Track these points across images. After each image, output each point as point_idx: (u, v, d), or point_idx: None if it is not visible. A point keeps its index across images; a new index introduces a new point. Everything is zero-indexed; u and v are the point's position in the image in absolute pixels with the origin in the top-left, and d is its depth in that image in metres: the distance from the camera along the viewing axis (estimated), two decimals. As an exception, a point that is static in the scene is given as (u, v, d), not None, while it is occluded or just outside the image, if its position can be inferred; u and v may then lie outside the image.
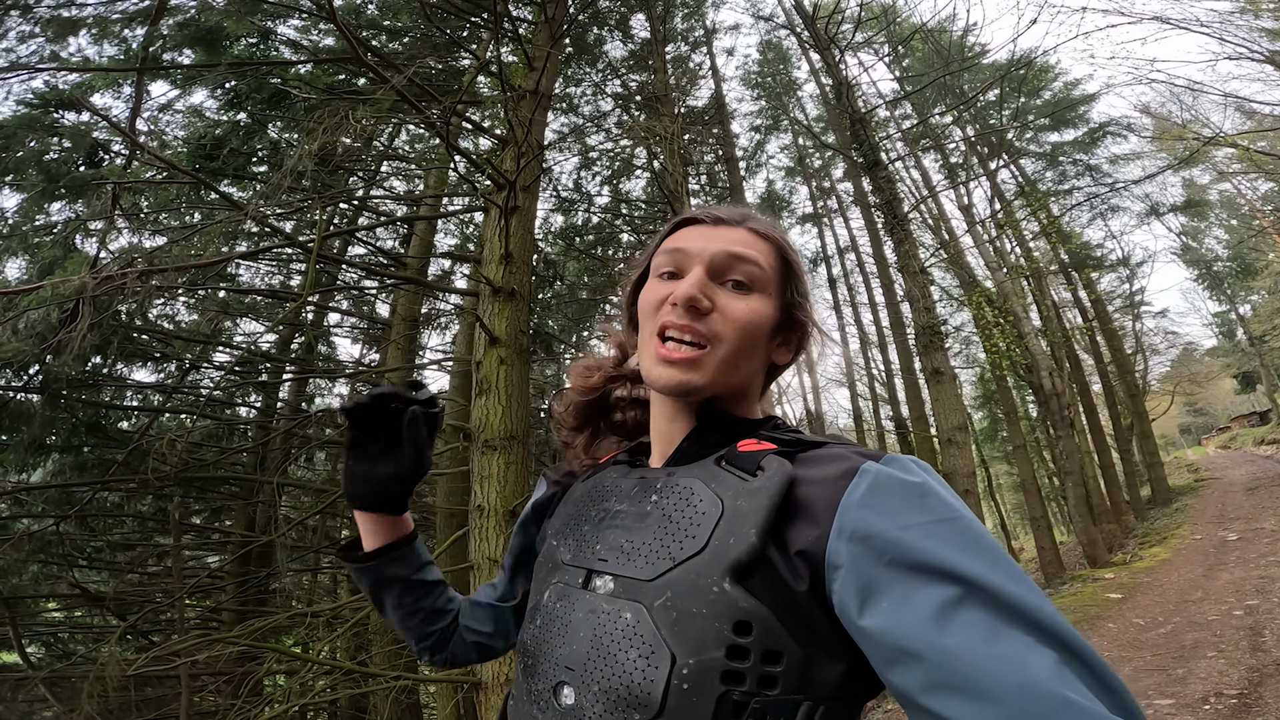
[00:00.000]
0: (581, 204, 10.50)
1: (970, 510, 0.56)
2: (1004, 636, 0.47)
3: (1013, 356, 11.84)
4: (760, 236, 0.76)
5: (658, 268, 0.76)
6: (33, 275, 4.78)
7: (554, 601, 0.68)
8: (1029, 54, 11.38)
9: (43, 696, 4.55)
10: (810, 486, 0.60)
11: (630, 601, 0.60)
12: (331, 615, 4.83)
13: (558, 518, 0.79)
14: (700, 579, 0.57)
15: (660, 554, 0.61)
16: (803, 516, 0.58)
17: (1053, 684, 0.44)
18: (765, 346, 0.74)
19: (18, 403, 4.87)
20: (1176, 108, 14.86)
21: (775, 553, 0.57)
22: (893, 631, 0.50)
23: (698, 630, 0.55)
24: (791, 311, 0.76)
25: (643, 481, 0.71)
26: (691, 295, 0.69)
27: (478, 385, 4.17)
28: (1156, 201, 17.47)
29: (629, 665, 0.56)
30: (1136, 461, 17.03)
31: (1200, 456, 30.23)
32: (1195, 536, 10.46)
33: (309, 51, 5.60)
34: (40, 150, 4.64)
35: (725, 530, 0.58)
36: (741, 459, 0.65)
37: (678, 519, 0.62)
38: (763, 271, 0.73)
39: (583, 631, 0.62)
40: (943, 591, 0.50)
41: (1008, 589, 0.49)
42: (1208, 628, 5.54)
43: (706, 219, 0.77)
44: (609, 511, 0.71)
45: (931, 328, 8.64)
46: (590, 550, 0.68)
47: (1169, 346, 21.41)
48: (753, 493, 0.60)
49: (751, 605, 0.55)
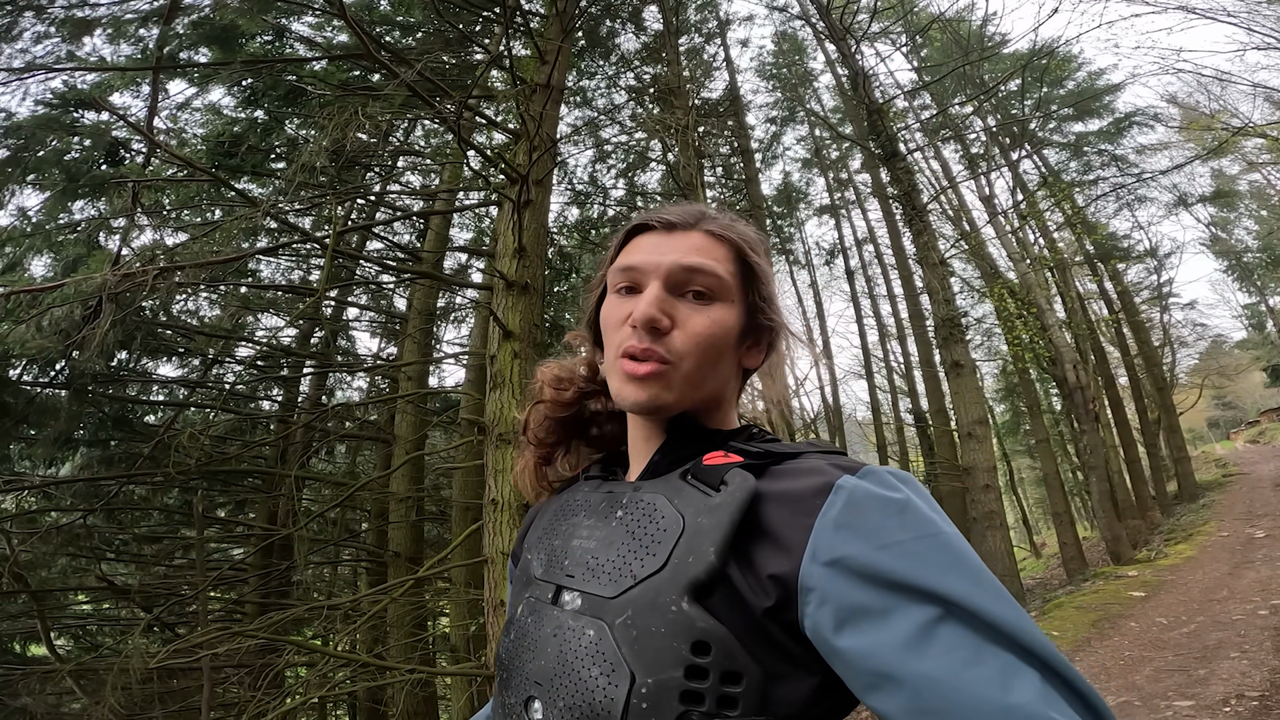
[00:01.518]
0: (596, 197, 10.50)
1: (952, 524, 0.55)
2: (986, 657, 0.47)
3: (1036, 349, 11.66)
4: (717, 239, 0.72)
5: (614, 283, 0.73)
6: (56, 273, 4.87)
7: (526, 616, 0.68)
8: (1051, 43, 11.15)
9: (69, 689, 4.66)
10: (781, 504, 0.58)
11: (593, 619, 0.59)
12: (350, 608, 4.90)
13: (533, 531, 0.78)
14: (659, 597, 0.56)
15: (623, 571, 0.60)
16: (773, 537, 0.57)
17: (1037, 705, 0.44)
18: (733, 353, 0.72)
19: (44, 398, 4.98)
20: (1204, 98, 14.54)
21: (737, 571, 0.56)
22: (871, 656, 0.49)
23: (656, 649, 0.54)
24: (756, 319, 0.73)
25: (610, 496, 0.71)
26: (649, 316, 0.67)
27: (492, 379, 4.18)
28: (1185, 192, 17.11)
29: (591, 683, 0.56)
30: (1163, 456, 16.71)
31: (1228, 451, 29.62)
32: (1222, 533, 10.27)
33: (322, 48, 5.65)
34: (61, 150, 4.71)
35: (685, 548, 0.57)
36: (705, 473, 0.63)
37: (640, 535, 0.62)
38: (721, 280, 0.70)
39: (550, 647, 0.62)
40: (922, 612, 0.49)
41: (989, 608, 0.49)
42: (1232, 627, 5.44)
43: (658, 225, 0.74)
44: (577, 526, 0.71)
45: (952, 320, 8.55)
46: (559, 565, 0.68)
47: (1197, 339, 20.98)
48: (713, 509, 0.58)
49: (710, 625, 0.54)
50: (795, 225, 18.10)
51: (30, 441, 5.23)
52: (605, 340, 0.74)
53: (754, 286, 0.73)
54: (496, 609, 3.63)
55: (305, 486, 7.84)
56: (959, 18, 12.62)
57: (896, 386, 17.79)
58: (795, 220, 17.91)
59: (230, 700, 5.22)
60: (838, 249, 17.88)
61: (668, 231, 0.73)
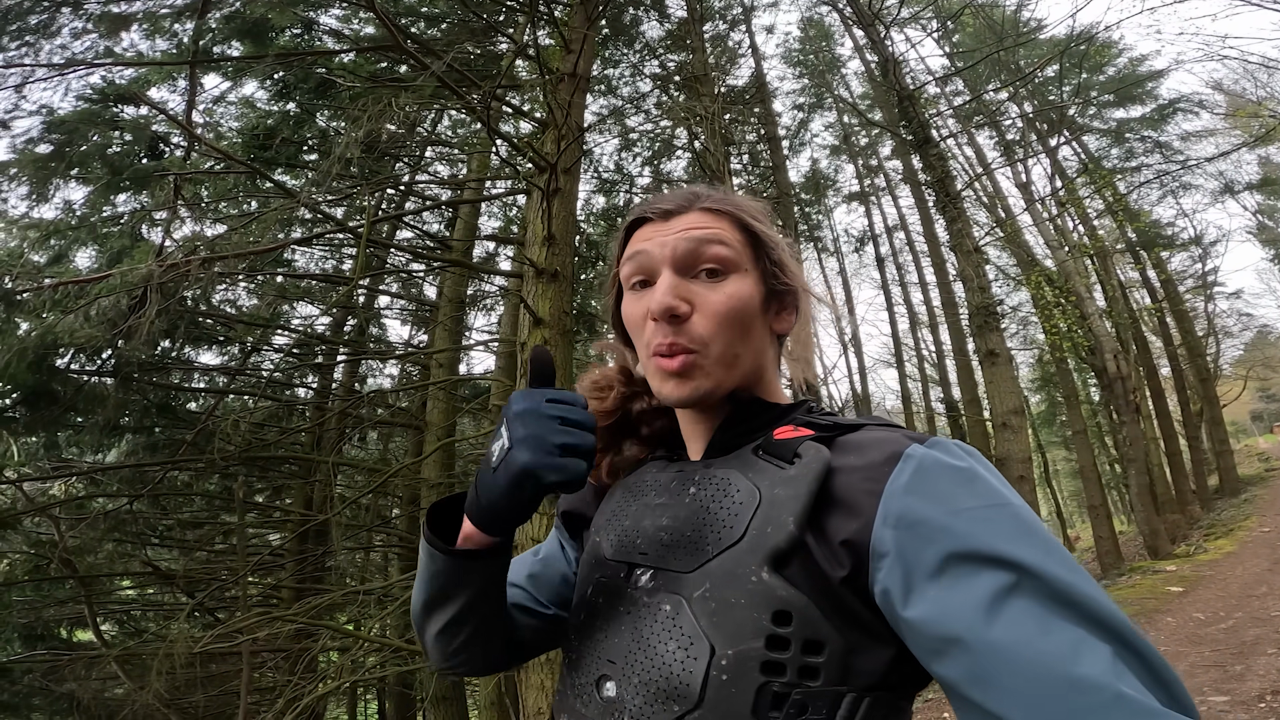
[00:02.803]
0: (623, 185, 10.48)
1: (1019, 496, 0.54)
2: (1055, 628, 0.46)
3: (1074, 338, 11.35)
4: (715, 214, 0.72)
5: (627, 279, 0.73)
6: (102, 264, 5.01)
7: (596, 596, 0.68)
8: (1090, 29, 10.77)
9: (114, 674, 4.78)
10: (851, 473, 0.58)
11: (670, 594, 0.60)
12: (382, 593, 5.00)
13: (600, 514, 0.78)
14: (738, 568, 0.56)
15: (699, 545, 0.60)
16: (845, 504, 0.57)
17: (1106, 678, 0.43)
18: (762, 322, 0.72)
19: (92, 386, 5.11)
20: (1251, 85, 13.98)
21: (813, 541, 0.56)
22: (939, 621, 0.49)
23: (736, 621, 0.54)
24: (775, 283, 0.73)
25: (681, 474, 0.71)
26: (666, 305, 0.66)
27: (522, 367, 4.21)
28: (1231, 179, 16.46)
29: (668, 657, 0.56)
30: (1204, 449, 16.21)
31: (1272, 445, 28.67)
32: (1263, 529, 9.98)
33: (351, 40, 5.70)
34: (103, 144, 4.83)
35: (763, 519, 0.58)
36: (778, 447, 0.63)
37: (715, 510, 0.62)
38: (730, 249, 0.69)
39: (624, 625, 0.62)
40: (994, 579, 0.48)
41: (1062, 577, 0.48)
42: (1270, 624, 5.32)
43: (655, 214, 0.73)
44: (649, 505, 0.71)
45: (986, 308, 8.36)
46: (631, 544, 0.68)
47: (1242, 329, 20.21)
48: (790, 480, 0.59)
49: (790, 594, 0.54)
50: (823, 212, 17.86)
51: (78, 428, 5.38)
52: (634, 340, 0.74)
53: (763, 252, 0.72)
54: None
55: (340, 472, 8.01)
56: (992, 3, 12.28)
57: (927, 375, 17.52)
58: (823, 207, 17.67)
59: (267, 685, 5.34)
60: (867, 236, 17.60)
61: (665, 219, 0.72)
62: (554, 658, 3.50)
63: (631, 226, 0.76)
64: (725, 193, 0.75)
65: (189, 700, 5.23)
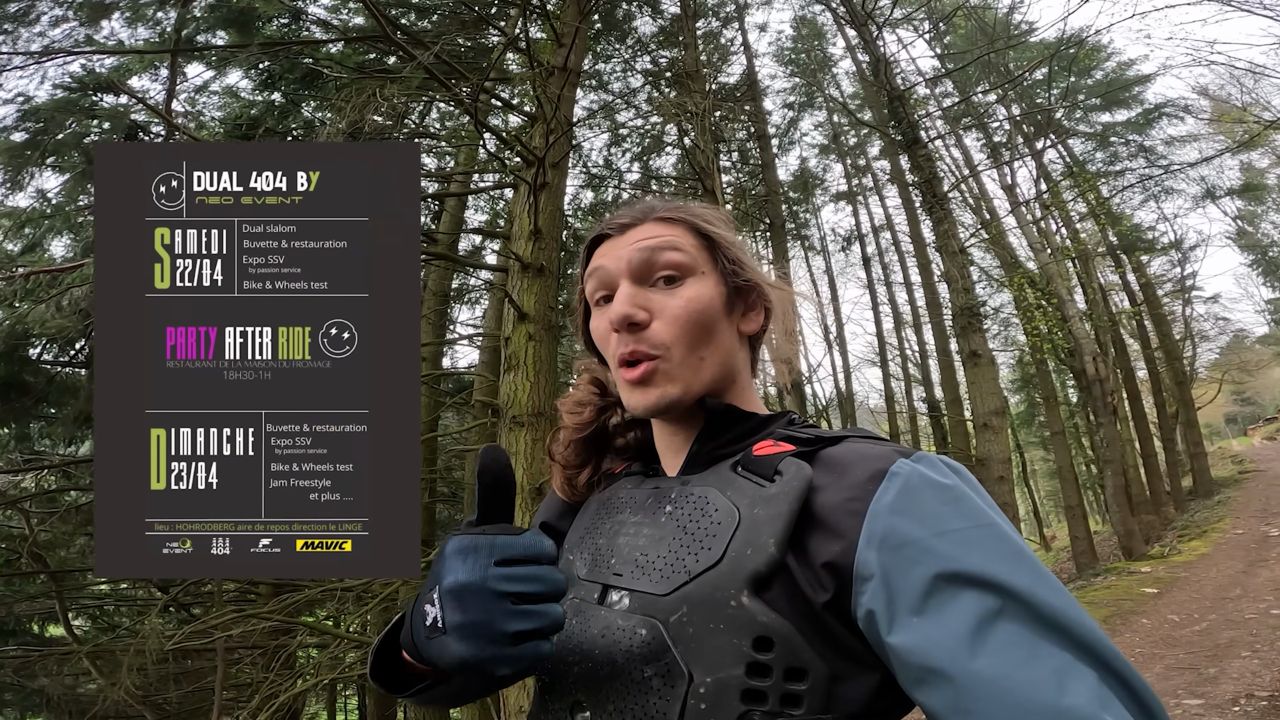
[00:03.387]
0: (611, 180, 10.44)
1: (1004, 516, 0.53)
2: (1042, 655, 0.45)
3: (1055, 340, 11.51)
4: (669, 222, 0.72)
5: (591, 296, 0.73)
6: (76, 253, 4.90)
7: (570, 618, 0.65)
8: (1080, 33, 10.87)
9: (86, 670, 4.72)
10: (834, 491, 0.56)
11: (645, 617, 0.57)
12: (362, 590, 4.94)
13: (574, 531, 0.76)
14: (717, 593, 0.54)
15: (675, 567, 0.58)
16: (827, 525, 0.55)
17: (1091, 707, 0.42)
18: (727, 324, 0.70)
19: (64, 377, 5.02)
20: (1236, 90, 14.18)
21: (795, 563, 0.54)
22: (923, 648, 0.47)
23: (715, 647, 0.52)
24: (735, 281, 0.71)
25: (656, 491, 0.69)
26: (623, 314, 0.66)
27: (506, 361, 4.18)
28: (1213, 184, 16.75)
29: (644, 685, 0.54)
30: (1179, 451, 16.55)
31: (1245, 447, 29.34)
32: (1236, 531, 10.19)
33: (339, 30, 5.59)
34: (80, 133, 4.72)
35: (742, 541, 0.55)
36: (758, 463, 0.61)
37: (693, 530, 0.60)
38: (684, 254, 0.69)
39: (598, 650, 0.59)
40: (980, 603, 0.47)
41: (1048, 601, 0.47)
42: (1244, 626, 5.43)
43: (612, 230, 0.74)
44: (623, 524, 0.68)
45: (970, 309, 8.44)
46: (605, 564, 0.66)
47: (1219, 333, 20.66)
48: (770, 499, 0.57)
49: (772, 619, 0.52)
50: (811, 211, 17.95)
51: (50, 420, 5.28)
52: (604, 355, 0.73)
53: (719, 253, 0.72)
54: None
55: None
56: (984, 4, 12.33)
57: (911, 375, 17.68)
58: (811, 206, 17.74)
59: (243, 681, 5.29)
60: (854, 235, 17.71)
61: (622, 232, 0.73)
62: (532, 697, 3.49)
63: (592, 245, 0.76)
64: (680, 202, 0.76)
65: (163, 697, 5.16)
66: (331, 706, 8.98)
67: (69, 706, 4.99)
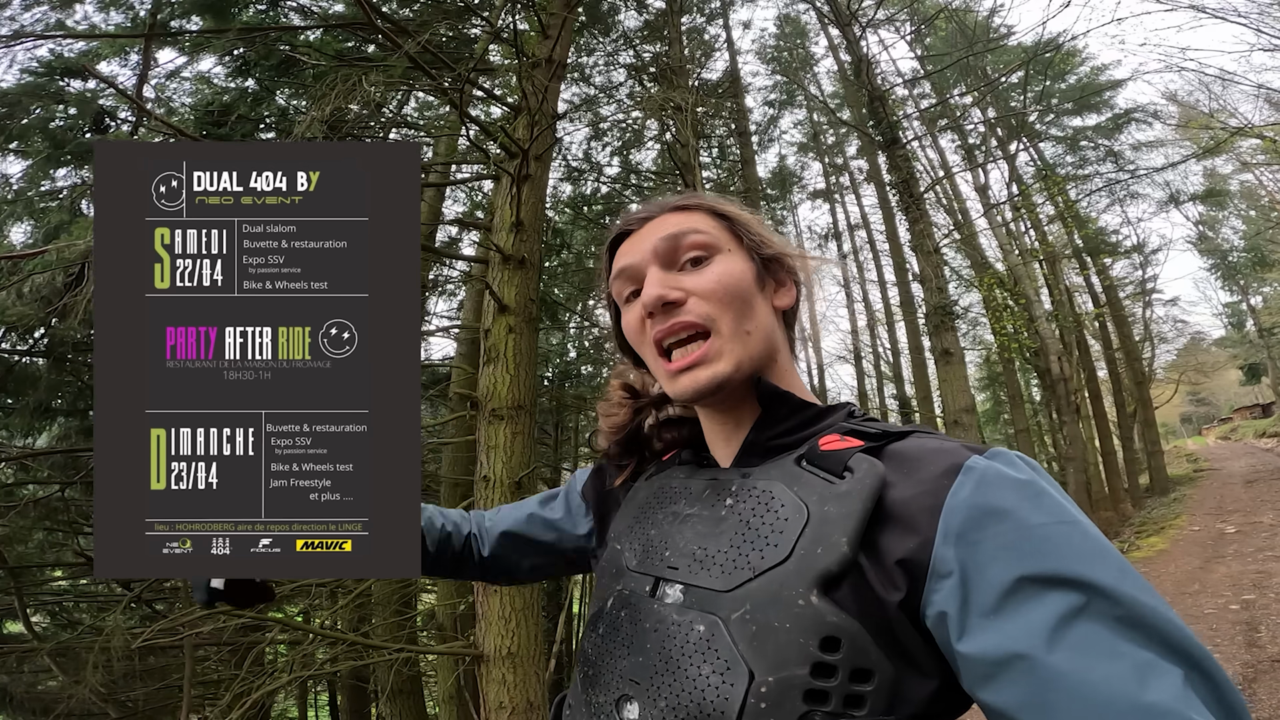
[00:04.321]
0: (591, 174, 10.39)
1: (1084, 514, 0.52)
2: (1124, 651, 0.44)
3: (1021, 340, 11.76)
4: (687, 210, 0.73)
5: (619, 295, 0.74)
6: (38, 240, 4.74)
7: (618, 610, 0.65)
8: (1058, 37, 11.08)
9: (47, 667, 4.60)
10: (907, 487, 0.55)
11: (704, 613, 0.56)
12: (334, 586, 4.88)
13: (620, 519, 0.75)
14: (784, 590, 0.53)
15: (738, 563, 0.57)
16: (900, 521, 0.54)
17: (1176, 704, 0.41)
18: (762, 298, 0.70)
19: (23, 366, 4.86)
20: (1205, 96, 14.55)
21: (866, 561, 0.53)
22: (1000, 644, 0.46)
23: (779, 645, 0.51)
24: (761, 253, 0.72)
25: (714, 483, 0.67)
26: (657, 295, 0.66)
27: (486, 353, 4.13)
28: (1177, 189, 17.20)
29: (701, 681, 0.53)
30: (1137, 449, 17.03)
31: (1200, 447, 30.29)
32: (1193, 528, 10.45)
33: (319, 17, 5.47)
34: (45, 117, 4.57)
35: (812, 539, 0.54)
36: (825, 459, 0.60)
37: (757, 525, 0.58)
38: (708, 234, 0.70)
39: (650, 643, 0.58)
40: (1063, 600, 0.46)
41: (1135, 598, 0.46)
42: (1203, 621, 5.55)
43: (633, 225, 0.75)
44: (678, 515, 0.67)
45: (943, 308, 8.57)
46: (658, 556, 0.65)
47: (1177, 335, 21.32)
48: (842, 497, 0.55)
49: (841, 619, 0.51)
50: (789, 209, 18.08)
51: (8, 411, 5.12)
52: (640, 351, 0.72)
53: (742, 230, 0.72)
54: (486, 588, 3.63)
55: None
56: (965, 7, 12.49)
57: (883, 372, 17.95)
58: (789, 204, 17.88)
59: (212, 679, 5.20)
60: (831, 233, 17.91)
61: (642, 226, 0.73)
62: (516, 651, 3.48)
63: (611, 248, 0.77)
64: (694, 191, 0.77)
65: (127, 695, 5.05)
66: (303, 704, 8.87)
67: (31, 705, 4.85)
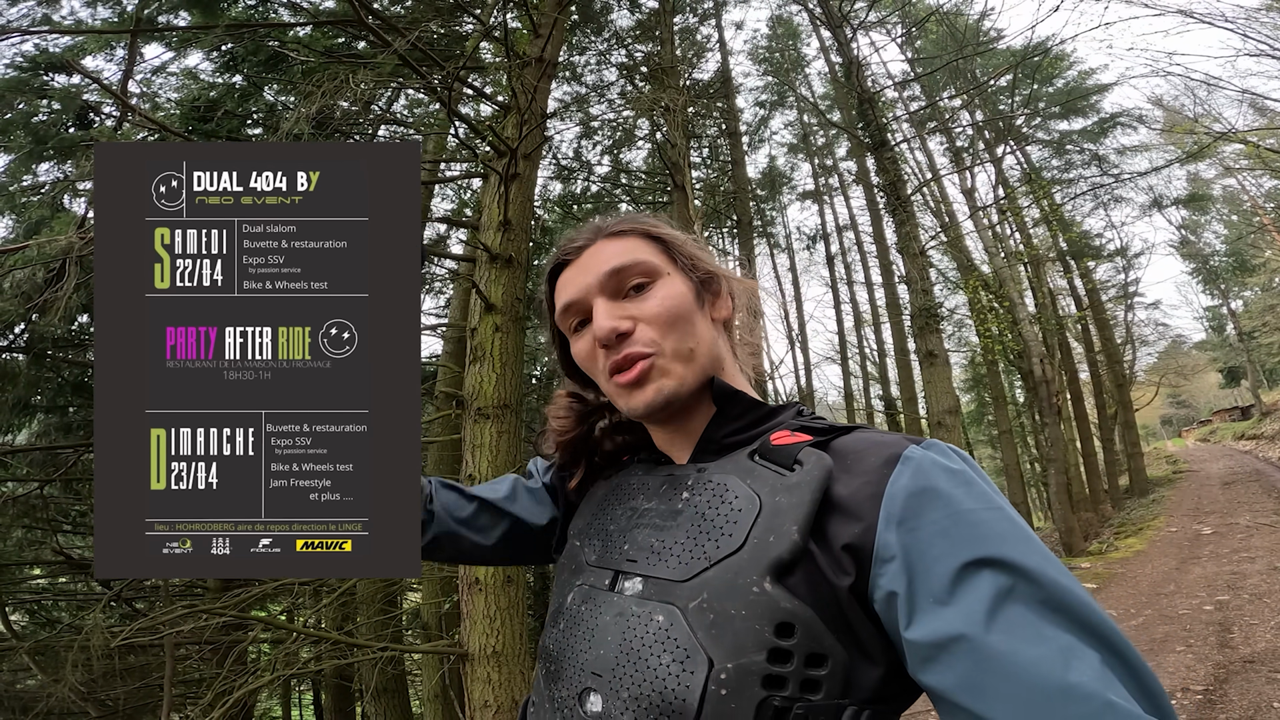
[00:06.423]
0: (581, 173, 10.37)
1: (1007, 500, 0.55)
2: (1049, 634, 0.46)
3: (1005, 342, 11.88)
4: (621, 236, 0.75)
5: (566, 326, 0.76)
6: (19, 235, 4.66)
7: (578, 604, 0.66)
8: (1046, 41, 11.20)
9: (26, 666, 4.54)
10: (850, 477, 0.58)
11: (662, 604, 0.58)
12: (318, 584, 4.84)
13: (579, 518, 0.77)
14: (739, 579, 0.55)
15: (694, 554, 0.59)
16: (845, 509, 0.56)
17: (1095, 686, 0.44)
18: (701, 315, 0.73)
19: (3, 362, 4.78)
20: (1190, 101, 14.75)
21: (816, 548, 0.55)
22: (942, 628, 0.48)
23: (736, 633, 0.53)
24: (696, 274, 0.75)
25: (671, 479, 0.69)
26: (609, 328, 0.68)
27: (472, 352, 4.12)
28: (1160, 194, 17.45)
29: (662, 671, 0.54)
30: (1117, 450, 17.26)
31: (1179, 449, 30.68)
32: (1170, 529, 10.60)
33: (309, 14, 5.41)
34: (29, 112, 4.50)
35: (765, 528, 0.56)
36: (777, 453, 0.62)
37: (712, 517, 0.60)
38: (646, 261, 0.72)
39: (610, 635, 0.60)
40: (996, 580, 0.49)
41: (1057, 581, 0.48)
42: (1178, 621, 5.63)
43: (570, 254, 0.76)
44: (636, 510, 0.69)
45: (929, 310, 8.63)
46: (617, 550, 0.66)
47: (1158, 338, 21.62)
48: (792, 488, 0.58)
49: (794, 606, 0.52)
50: (778, 209, 18.18)
51: (-14, 407, 5.03)
52: (595, 377, 0.74)
53: (676, 252, 0.75)
54: (471, 586, 3.62)
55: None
56: (956, 11, 12.60)
57: (869, 373, 18.09)
58: (778, 204, 17.98)
59: (193, 677, 5.14)
60: (819, 234, 18.01)
61: (579, 256, 0.75)
62: (501, 650, 3.48)
63: (553, 275, 0.78)
64: (623, 215, 0.79)
65: (108, 693, 4.99)
66: (286, 703, 8.80)
67: (11, 704, 4.79)
